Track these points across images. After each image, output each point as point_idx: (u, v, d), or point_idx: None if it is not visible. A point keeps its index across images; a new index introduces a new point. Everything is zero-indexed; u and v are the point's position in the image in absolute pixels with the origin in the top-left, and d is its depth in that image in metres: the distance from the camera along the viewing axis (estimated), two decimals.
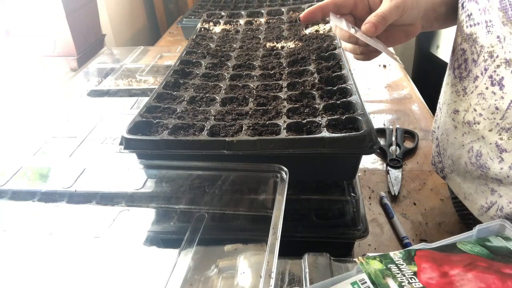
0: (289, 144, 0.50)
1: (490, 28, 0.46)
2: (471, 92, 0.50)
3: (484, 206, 0.52)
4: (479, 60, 0.48)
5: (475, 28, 0.48)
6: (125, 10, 1.74)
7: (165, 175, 0.56)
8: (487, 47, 0.46)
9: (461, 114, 0.52)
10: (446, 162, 0.59)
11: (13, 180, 0.59)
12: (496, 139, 0.47)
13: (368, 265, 0.38)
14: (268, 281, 0.35)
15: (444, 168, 0.60)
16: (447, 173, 0.60)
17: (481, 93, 0.48)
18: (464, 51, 0.51)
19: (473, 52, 0.49)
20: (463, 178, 0.55)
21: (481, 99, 0.48)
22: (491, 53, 0.46)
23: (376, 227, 0.66)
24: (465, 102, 0.51)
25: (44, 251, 0.50)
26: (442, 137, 0.59)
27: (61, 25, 1.21)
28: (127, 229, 0.52)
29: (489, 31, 0.46)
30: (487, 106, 0.47)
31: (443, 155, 0.60)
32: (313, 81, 0.65)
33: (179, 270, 0.43)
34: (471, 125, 0.50)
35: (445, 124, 0.57)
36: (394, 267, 0.37)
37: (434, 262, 0.37)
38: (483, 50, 0.47)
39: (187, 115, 0.59)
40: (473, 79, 0.49)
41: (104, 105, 0.94)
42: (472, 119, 0.50)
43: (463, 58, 0.51)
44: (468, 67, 0.50)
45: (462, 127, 0.52)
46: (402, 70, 1.23)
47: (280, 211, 0.43)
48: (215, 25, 0.99)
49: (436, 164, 0.63)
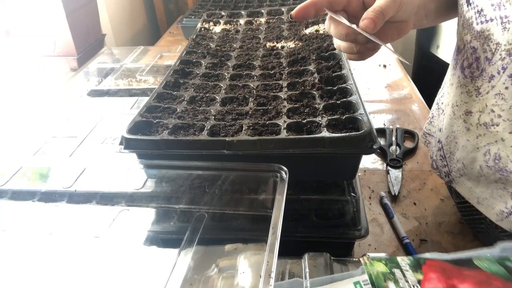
0: (289, 144, 0.50)
1: (507, 25, 0.44)
2: (487, 92, 0.48)
3: (504, 211, 0.50)
4: (494, 59, 0.46)
5: (487, 24, 0.46)
6: (125, 10, 1.74)
7: (165, 175, 0.56)
8: (504, 45, 0.44)
9: (475, 115, 0.50)
10: (454, 166, 0.57)
11: (13, 180, 0.59)
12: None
13: (371, 266, 0.37)
14: (268, 281, 0.35)
15: (450, 172, 0.58)
16: (454, 177, 0.58)
17: (499, 93, 0.46)
18: (475, 49, 0.49)
19: (485, 50, 0.47)
20: (476, 182, 0.53)
21: (499, 100, 0.46)
22: (509, 51, 0.44)
23: (376, 227, 0.66)
24: (479, 103, 0.49)
25: (44, 251, 0.49)
26: (448, 140, 0.57)
27: (61, 25, 1.21)
28: (127, 229, 0.52)
29: (505, 28, 0.44)
30: (508, 107, 0.45)
31: (449, 159, 0.58)
32: (313, 81, 0.65)
33: (179, 270, 0.43)
34: (488, 127, 0.48)
35: (452, 126, 0.55)
36: (399, 272, 0.36)
37: (442, 274, 0.36)
38: (499, 48, 0.45)
39: (187, 115, 0.59)
40: (488, 78, 0.47)
41: (104, 105, 0.94)
42: (490, 121, 0.48)
43: (474, 57, 0.49)
44: (480, 66, 0.48)
45: (476, 129, 0.50)
46: (402, 70, 1.22)
47: (280, 211, 0.43)
48: (215, 25, 0.99)
49: (439, 168, 0.61)
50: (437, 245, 0.62)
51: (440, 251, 0.56)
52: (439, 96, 0.64)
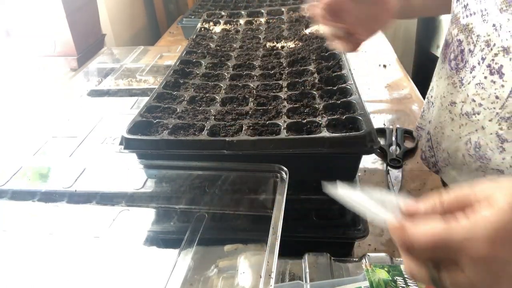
0: (289, 144, 0.50)
1: (486, 17, 0.45)
2: (468, 83, 0.49)
3: None
4: (475, 50, 0.48)
5: (471, 18, 0.48)
6: (125, 10, 1.74)
7: (165, 175, 0.56)
8: (483, 36, 0.46)
9: (458, 105, 0.52)
10: (439, 156, 0.58)
11: (13, 180, 0.59)
12: (496, 129, 0.47)
13: (373, 273, 0.37)
14: (268, 281, 0.35)
15: (437, 162, 0.60)
16: (441, 167, 0.59)
17: (479, 83, 0.48)
18: (460, 42, 0.50)
19: (469, 43, 0.49)
20: (460, 171, 0.55)
21: (479, 89, 0.48)
22: (487, 42, 0.46)
23: (376, 227, 0.66)
24: (462, 93, 0.51)
25: (44, 251, 0.49)
26: (436, 131, 0.58)
27: (61, 25, 1.21)
28: (127, 229, 0.52)
29: (484, 20, 0.46)
30: (487, 96, 0.47)
31: (436, 149, 0.59)
32: (313, 81, 0.65)
33: (179, 270, 0.43)
34: (469, 116, 0.50)
35: (439, 117, 0.57)
36: (401, 280, 0.36)
37: None
38: (480, 40, 0.47)
39: (187, 115, 0.59)
40: (469, 69, 0.49)
41: (104, 105, 0.94)
42: (471, 110, 0.49)
43: (459, 49, 0.51)
44: (464, 58, 0.50)
45: (459, 119, 0.52)
46: (402, 70, 1.22)
47: (280, 211, 0.43)
48: (215, 25, 0.99)
49: (427, 158, 0.63)
50: None
51: None
52: (429, 90, 0.65)
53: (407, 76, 1.20)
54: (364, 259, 0.45)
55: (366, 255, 0.46)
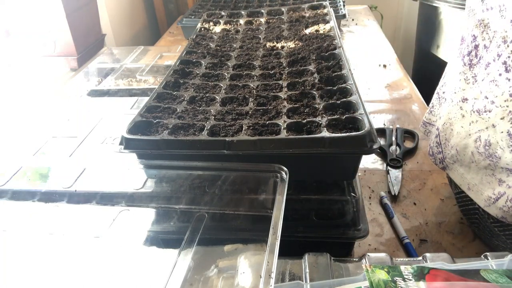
0: (289, 144, 0.50)
1: (504, 13, 0.45)
2: (482, 79, 0.49)
3: (491, 197, 0.51)
4: (491, 46, 0.47)
5: (488, 13, 0.47)
6: (125, 10, 1.74)
7: (165, 175, 0.56)
8: (500, 32, 0.45)
9: (470, 102, 0.51)
10: (447, 153, 0.58)
11: (13, 180, 0.59)
12: (508, 128, 0.46)
13: (373, 274, 0.37)
14: (268, 281, 0.35)
15: (444, 158, 0.59)
16: (448, 164, 0.59)
17: (493, 80, 0.47)
18: (475, 37, 0.50)
19: (484, 38, 0.48)
20: (468, 169, 0.54)
21: (493, 86, 0.47)
22: (504, 39, 0.45)
23: (376, 227, 0.66)
24: (474, 90, 0.50)
25: (44, 251, 0.49)
26: (445, 127, 0.58)
27: (61, 25, 1.21)
28: (127, 229, 0.52)
29: (502, 16, 0.45)
30: (501, 93, 0.46)
31: (444, 145, 0.59)
32: (313, 81, 0.65)
33: (179, 270, 0.43)
34: (480, 113, 0.49)
35: (449, 113, 0.56)
36: (401, 280, 0.36)
37: (446, 284, 0.35)
38: (496, 36, 0.46)
39: (187, 115, 0.59)
40: (484, 65, 0.48)
41: (104, 105, 0.94)
42: (483, 107, 0.49)
43: (473, 45, 0.50)
44: (479, 54, 0.49)
45: (470, 116, 0.51)
46: (402, 70, 1.22)
47: (280, 211, 0.43)
48: (215, 25, 0.99)
49: (434, 154, 0.62)
50: (437, 245, 0.62)
51: (440, 251, 0.56)
52: (440, 85, 0.65)
53: (407, 76, 1.20)
54: (364, 259, 0.45)
55: (366, 255, 0.46)
